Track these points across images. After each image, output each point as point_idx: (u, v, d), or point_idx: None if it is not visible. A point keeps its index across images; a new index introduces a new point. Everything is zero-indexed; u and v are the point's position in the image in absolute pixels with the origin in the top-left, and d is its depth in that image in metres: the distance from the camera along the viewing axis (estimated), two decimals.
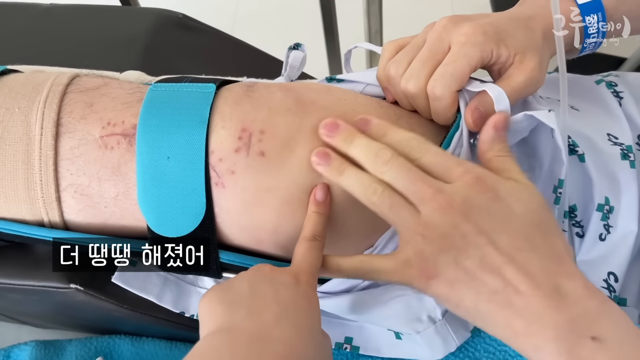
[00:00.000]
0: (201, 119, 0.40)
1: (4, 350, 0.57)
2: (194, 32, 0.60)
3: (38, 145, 0.40)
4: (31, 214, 0.42)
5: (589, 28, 0.44)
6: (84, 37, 0.55)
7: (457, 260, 0.33)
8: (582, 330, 0.31)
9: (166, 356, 0.56)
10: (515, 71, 0.41)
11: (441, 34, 0.41)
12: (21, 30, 0.57)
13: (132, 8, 0.68)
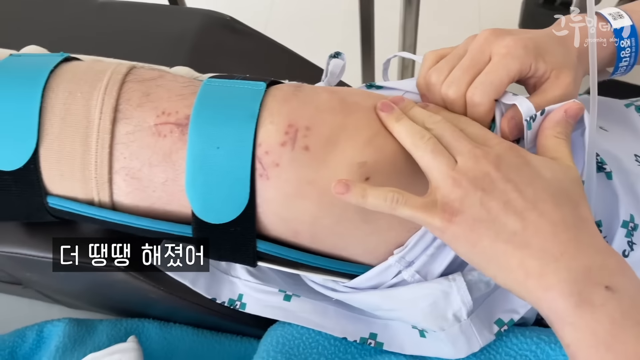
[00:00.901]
0: (251, 114, 0.42)
1: (38, 325, 0.59)
2: (240, 34, 0.63)
3: (96, 129, 0.43)
4: (83, 193, 0.44)
5: (622, 51, 0.46)
6: (135, 33, 0.57)
7: (482, 201, 0.36)
8: (598, 278, 0.33)
9: (192, 342, 0.58)
10: (551, 86, 0.43)
11: (483, 45, 0.43)
12: (77, 23, 0.60)
13: (181, 8, 0.71)
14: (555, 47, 0.44)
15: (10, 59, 0.47)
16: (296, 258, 0.45)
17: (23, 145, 0.43)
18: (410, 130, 0.41)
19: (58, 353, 0.54)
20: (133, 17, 0.64)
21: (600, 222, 0.49)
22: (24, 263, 0.50)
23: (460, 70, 0.44)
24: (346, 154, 0.42)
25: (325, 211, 0.43)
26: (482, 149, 0.38)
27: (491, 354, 0.45)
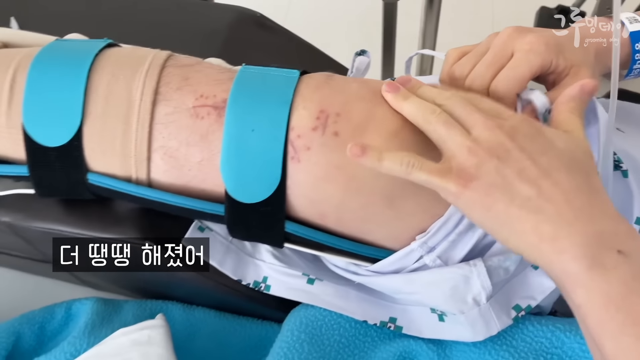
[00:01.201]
0: (285, 99, 0.44)
1: (66, 303, 0.62)
2: (269, 31, 0.65)
3: (137, 109, 0.45)
4: (122, 170, 0.47)
5: (637, 53, 0.48)
6: (170, 26, 0.60)
7: (497, 168, 0.37)
8: (611, 242, 0.34)
9: (214, 323, 0.60)
10: (571, 81, 0.45)
11: (506, 42, 0.46)
12: (116, 15, 0.63)
13: (215, 4, 0.74)
14: (574, 47, 0.46)
15: (57, 43, 0.50)
16: (322, 240, 0.47)
17: (68, 123, 0.46)
18: (419, 106, 0.42)
19: (87, 329, 0.56)
20: (169, 10, 0.67)
21: None
22: (59, 239, 0.53)
23: (483, 66, 0.46)
24: (374, 142, 0.44)
25: (352, 195, 0.45)
26: (495, 120, 0.39)
27: (507, 339, 0.47)
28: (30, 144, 0.46)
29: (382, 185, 0.44)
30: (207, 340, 0.59)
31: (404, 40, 0.91)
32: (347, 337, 0.50)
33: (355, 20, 1.58)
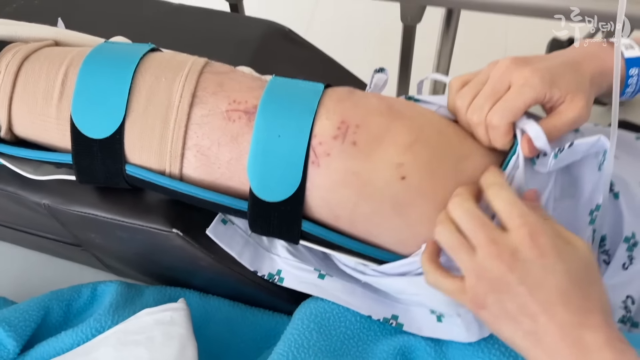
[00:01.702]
0: (310, 109, 0.49)
1: (92, 284, 0.66)
2: (297, 45, 0.70)
3: (175, 110, 0.50)
4: (157, 164, 0.51)
5: (629, 78, 0.52)
6: (204, 35, 0.65)
7: (500, 302, 0.42)
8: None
9: (228, 312, 0.64)
10: (566, 108, 0.49)
11: (504, 74, 0.49)
12: (155, 22, 0.68)
13: (246, 17, 0.79)
14: (569, 75, 0.49)
15: (106, 45, 0.55)
16: (334, 240, 0.51)
17: (112, 118, 0.50)
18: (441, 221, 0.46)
19: (112, 308, 0.60)
20: (203, 21, 0.72)
21: (605, 236, 0.55)
22: (93, 223, 0.57)
23: (482, 98, 0.50)
24: (388, 154, 0.48)
25: (365, 201, 0.49)
26: (497, 244, 0.42)
27: (498, 341, 0.51)
28: (76, 135, 0.51)
29: (392, 193, 0.49)
30: (220, 327, 0.63)
31: (420, 61, 0.96)
32: (352, 330, 0.54)
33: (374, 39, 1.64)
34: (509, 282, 0.41)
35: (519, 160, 0.50)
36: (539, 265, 0.41)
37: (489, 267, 0.42)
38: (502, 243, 0.42)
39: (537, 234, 0.41)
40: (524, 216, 0.42)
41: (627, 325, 0.53)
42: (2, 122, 0.54)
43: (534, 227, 0.42)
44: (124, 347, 0.54)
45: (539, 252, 0.41)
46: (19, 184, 0.58)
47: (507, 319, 0.42)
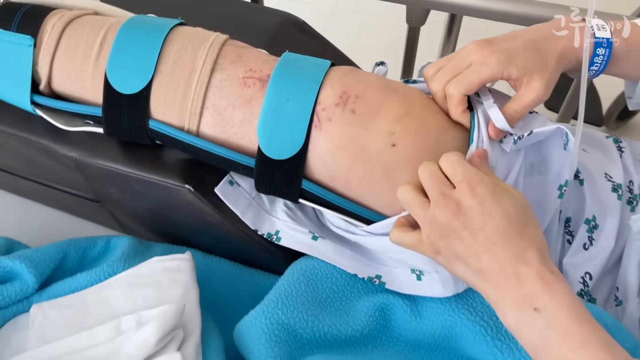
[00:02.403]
0: (317, 80, 0.56)
1: (106, 237, 0.72)
2: (309, 36, 0.77)
3: (198, 73, 0.57)
4: (177, 121, 0.58)
5: (596, 57, 0.58)
6: (225, 21, 0.72)
7: (450, 246, 0.49)
8: (529, 303, 0.45)
9: (228, 271, 0.70)
10: (524, 92, 0.55)
11: (467, 54, 0.56)
12: (183, 8, 0.75)
13: (265, 7, 0.86)
14: (530, 53, 0.55)
15: (141, 16, 0.62)
16: (330, 198, 0.57)
17: (142, 76, 0.57)
18: None
19: (123, 257, 0.66)
20: (226, 8, 0.79)
21: (570, 218, 0.60)
22: (113, 177, 0.64)
23: (444, 72, 0.57)
24: (382, 123, 0.55)
25: (358, 164, 0.55)
26: (445, 196, 0.49)
27: (468, 300, 0.56)
28: (108, 90, 0.58)
29: (383, 158, 0.55)
30: (220, 283, 0.69)
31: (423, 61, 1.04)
32: (338, 285, 0.59)
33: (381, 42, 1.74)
34: (455, 228, 0.48)
35: (482, 134, 0.56)
36: (479, 211, 0.47)
37: (438, 216, 0.49)
38: (449, 195, 0.49)
39: (475, 184, 0.48)
40: (464, 171, 0.49)
41: (585, 299, 0.59)
42: (43, 77, 0.60)
43: (473, 179, 0.49)
44: (134, 287, 0.60)
45: (477, 200, 0.48)
46: (51, 137, 0.65)
47: (458, 261, 0.49)
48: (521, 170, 0.57)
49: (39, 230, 0.81)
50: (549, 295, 0.45)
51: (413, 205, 0.51)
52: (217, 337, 0.59)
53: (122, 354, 0.52)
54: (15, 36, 0.59)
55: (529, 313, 0.45)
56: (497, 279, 0.46)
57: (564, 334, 0.44)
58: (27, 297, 0.64)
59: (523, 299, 0.45)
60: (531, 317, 0.45)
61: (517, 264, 0.46)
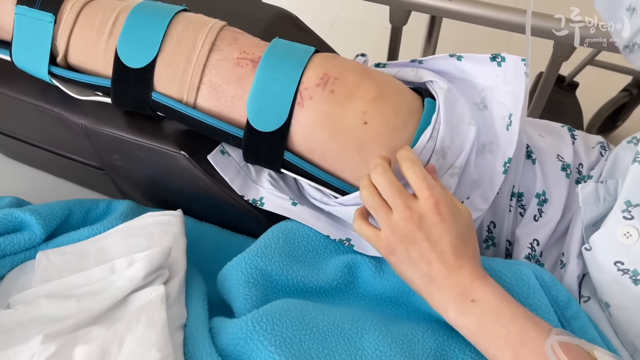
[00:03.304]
0: (301, 63, 0.63)
1: (108, 200, 0.80)
2: (301, 31, 0.85)
3: (197, 53, 0.65)
4: (177, 94, 0.66)
5: None
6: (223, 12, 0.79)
7: (407, 251, 0.56)
8: (468, 297, 0.54)
9: (217, 235, 0.78)
10: None
11: None
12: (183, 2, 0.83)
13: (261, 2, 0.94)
14: None
15: (149, 2, 0.70)
16: (309, 169, 0.65)
17: (148, 53, 0.65)
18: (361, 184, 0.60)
19: (122, 216, 0.74)
20: (224, 2, 0.88)
21: (522, 193, 0.68)
22: (118, 143, 0.71)
23: None
24: (356, 103, 0.63)
25: (334, 138, 0.63)
26: (410, 209, 0.55)
27: None
28: (118, 63, 0.66)
29: (356, 134, 0.63)
30: (209, 246, 0.76)
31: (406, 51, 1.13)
32: (312, 244, 0.67)
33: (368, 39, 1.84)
34: (415, 238, 0.56)
35: (440, 117, 0.64)
36: (440, 227, 0.55)
37: (402, 225, 0.56)
38: (414, 208, 0.56)
39: (440, 204, 0.56)
40: (431, 188, 0.56)
41: (532, 261, 0.67)
42: (61, 50, 0.68)
43: (438, 198, 0.56)
44: (128, 237, 0.68)
45: (440, 218, 0.55)
46: (63, 106, 0.73)
47: (410, 264, 0.57)
48: (473, 148, 0.65)
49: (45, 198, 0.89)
50: (483, 289, 0.54)
51: (378, 210, 0.57)
52: (201, 283, 0.66)
53: (113, 288, 0.60)
54: (38, 13, 0.67)
55: (467, 305, 0.54)
56: (443, 281, 0.55)
57: (495, 315, 0.53)
58: (35, 247, 0.71)
59: (462, 295, 0.54)
60: (469, 307, 0.54)
61: (459, 270, 0.55)
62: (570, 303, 0.58)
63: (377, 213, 0.58)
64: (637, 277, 0.56)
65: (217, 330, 0.60)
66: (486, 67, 0.68)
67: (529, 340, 0.50)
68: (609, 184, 0.62)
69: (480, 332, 0.53)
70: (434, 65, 0.72)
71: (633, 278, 0.56)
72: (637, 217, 0.56)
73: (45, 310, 0.59)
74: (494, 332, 0.52)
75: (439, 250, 0.55)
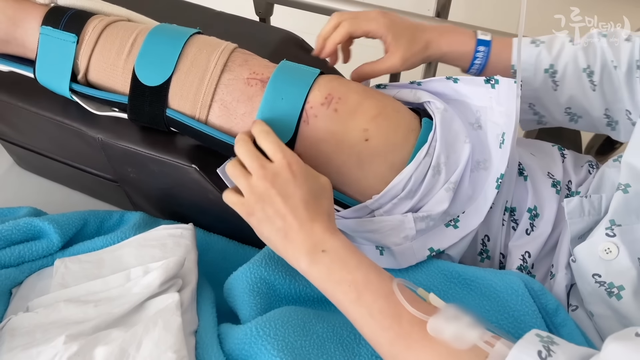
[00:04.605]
0: (307, 84, 0.68)
1: (122, 211, 0.84)
2: (307, 53, 0.89)
3: (210, 73, 0.69)
4: (190, 110, 0.70)
5: (478, 53, 0.75)
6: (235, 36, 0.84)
7: (263, 209, 0.61)
8: (318, 247, 0.59)
9: (224, 245, 0.82)
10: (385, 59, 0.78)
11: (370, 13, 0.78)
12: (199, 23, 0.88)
13: (270, 25, 0.99)
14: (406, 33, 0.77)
15: (166, 25, 0.74)
16: None
17: (164, 72, 0.69)
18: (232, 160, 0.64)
19: (135, 227, 0.78)
20: (235, 24, 0.92)
21: (515, 208, 0.72)
22: (132, 157, 0.76)
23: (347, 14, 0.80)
24: (358, 121, 0.67)
25: (337, 154, 0.67)
26: (265, 169, 0.60)
27: (420, 269, 0.68)
28: (135, 81, 0.70)
29: (357, 150, 0.67)
30: (217, 255, 0.80)
31: None
32: None
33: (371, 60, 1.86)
34: (270, 195, 0.60)
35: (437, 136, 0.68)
36: (292, 184, 0.60)
37: (258, 184, 0.60)
38: (269, 168, 0.61)
39: (292, 164, 0.61)
40: (284, 151, 0.61)
41: (524, 272, 0.70)
42: (82, 68, 0.73)
43: (291, 160, 0.61)
44: (143, 248, 0.72)
45: (292, 175, 0.60)
46: (82, 121, 0.77)
47: (266, 221, 0.60)
48: (468, 165, 0.69)
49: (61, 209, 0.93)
50: (332, 240, 0.59)
51: (239, 177, 0.62)
52: (210, 291, 0.70)
53: (130, 294, 0.64)
54: (62, 33, 0.71)
55: (318, 255, 0.58)
56: (296, 235, 0.59)
57: (342, 262, 0.58)
58: (52, 254, 0.75)
59: (314, 246, 0.58)
60: (319, 256, 0.58)
61: (312, 223, 0.59)
62: (558, 311, 0.62)
63: (239, 180, 0.62)
64: (612, 289, 0.59)
65: (225, 335, 0.64)
66: (480, 89, 0.72)
67: (370, 284, 0.56)
68: (593, 199, 0.66)
69: (328, 278, 0.58)
70: (432, 87, 0.76)
71: (608, 290, 0.60)
72: (618, 235, 0.60)
73: (64, 313, 0.62)
74: (341, 278, 0.57)
75: (292, 205, 0.59)
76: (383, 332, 0.53)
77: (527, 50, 0.77)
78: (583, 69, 0.75)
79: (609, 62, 0.73)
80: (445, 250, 0.70)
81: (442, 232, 0.70)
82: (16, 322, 0.62)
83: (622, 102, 0.74)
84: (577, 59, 0.75)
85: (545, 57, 0.76)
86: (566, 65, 0.75)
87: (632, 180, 0.62)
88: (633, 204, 0.61)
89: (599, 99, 0.75)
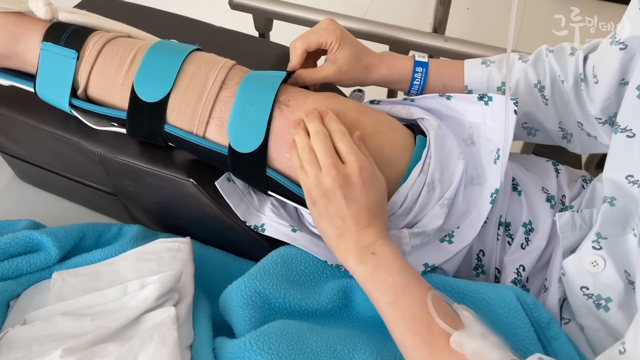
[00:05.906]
0: (274, 87, 0.69)
1: (120, 224, 0.85)
2: None
3: (208, 90, 0.70)
4: (188, 126, 0.71)
5: (416, 74, 0.77)
6: (234, 51, 0.86)
7: (326, 205, 0.63)
8: (368, 250, 0.61)
9: (221, 258, 0.82)
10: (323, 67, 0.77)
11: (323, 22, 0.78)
12: (198, 39, 0.90)
13: (269, 41, 1.01)
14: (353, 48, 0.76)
15: (165, 41, 0.76)
16: (290, 186, 0.69)
17: (162, 88, 0.70)
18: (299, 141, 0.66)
19: (132, 240, 0.78)
20: (235, 40, 0.94)
21: (510, 222, 0.73)
22: (131, 171, 0.77)
23: None
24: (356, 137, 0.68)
25: None
26: (337, 169, 0.62)
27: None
28: (134, 97, 0.71)
29: None
30: (214, 269, 0.81)
31: None
32: (309, 269, 0.71)
33: None
34: (335, 195, 0.62)
35: (431, 152, 0.69)
36: (359, 189, 0.63)
37: (326, 182, 0.63)
38: (340, 170, 0.63)
39: (363, 169, 0.63)
40: (356, 155, 0.64)
41: (518, 286, 0.71)
42: (81, 84, 0.74)
43: (363, 164, 0.63)
44: (140, 261, 0.72)
45: (361, 181, 0.63)
46: (81, 136, 0.79)
47: (326, 217, 0.63)
48: (462, 180, 0.70)
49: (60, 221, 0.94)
50: (383, 246, 0.61)
51: (311, 164, 0.64)
52: (206, 305, 0.70)
53: (126, 308, 0.64)
54: (62, 49, 0.73)
55: (367, 256, 0.61)
56: (351, 235, 0.62)
57: (387, 265, 0.60)
58: (50, 267, 0.76)
59: (365, 247, 0.61)
60: (368, 258, 0.61)
61: (368, 228, 0.62)
62: (551, 324, 0.62)
63: (310, 166, 0.64)
64: (599, 301, 0.60)
65: (219, 350, 0.64)
66: (473, 106, 0.73)
67: (409, 290, 0.58)
68: (585, 213, 0.67)
69: (372, 278, 0.60)
70: (425, 104, 0.77)
71: (596, 302, 0.60)
72: (605, 248, 0.60)
73: (61, 327, 0.63)
74: (383, 279, 0.59)
75: (355, 209, 0.62)
76: (411, 335, 0.56)
77: (478, 71, 0.79)
78: (534, 84, 0.76)
79: (557, 77, 0.75)
80: (439, 265, 0.71)
81: (437, 247, 0.70)
82: (13, 335, 0.63)
83: (573, 115, 0.76)
84: (527, 75, 0.76)
85: (496, 76, 0.78)
86: (517, 81, 0.77)
87: (616, 194, 0.64)
88: (619, 217, 0.62)
89: (552, 112, 0.77)
